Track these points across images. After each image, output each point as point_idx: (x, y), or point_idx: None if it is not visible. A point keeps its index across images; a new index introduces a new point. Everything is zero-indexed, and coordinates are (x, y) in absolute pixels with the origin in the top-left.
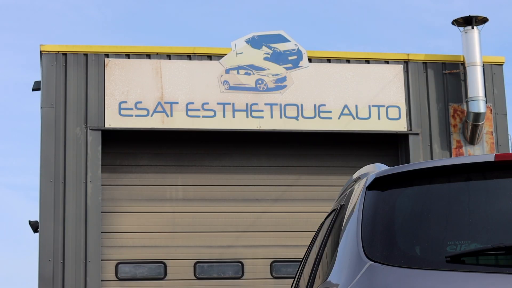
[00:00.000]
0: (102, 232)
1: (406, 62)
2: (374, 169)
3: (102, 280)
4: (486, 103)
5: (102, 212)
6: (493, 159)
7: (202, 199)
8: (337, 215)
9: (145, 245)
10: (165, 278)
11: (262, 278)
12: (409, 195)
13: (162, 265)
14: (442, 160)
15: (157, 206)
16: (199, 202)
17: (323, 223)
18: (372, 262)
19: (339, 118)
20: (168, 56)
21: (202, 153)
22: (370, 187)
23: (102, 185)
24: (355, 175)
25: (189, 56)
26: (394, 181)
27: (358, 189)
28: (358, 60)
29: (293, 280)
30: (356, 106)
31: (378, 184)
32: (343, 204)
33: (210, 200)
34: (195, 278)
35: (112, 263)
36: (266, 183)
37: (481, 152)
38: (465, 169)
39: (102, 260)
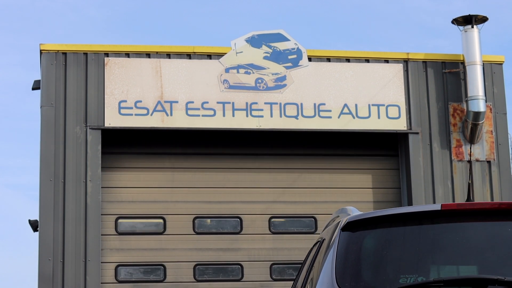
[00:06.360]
0: (102, 188)
1: (406, 61)
2: (350, 212)
3: (102, 235)
4: (486, 102)
5: (102, 167)
6: (439, 208)
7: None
8: (319, 247)
9: (144, 200)
10: (164, 233)
11: (260, 233)
12: (373, 237)
13: (161, 220)
14: (399, 208)
15: (157, 162)
16: (198, 157)
17: (311, 250)
18: None
19: (339, 117)
20: (168, 55)
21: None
22: (344, 228)
23: (101, 148)
24: (336, 213)
25: (188, 55)
26: (362, 225)
27: (336, 228)
28: (358, 59)
29: None
30: (356, 105)
31: (350, 226)
32: (324, 239)
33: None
34: (194, 233)
35: (111, 217)
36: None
37: (481, 151)
38: (417, 216)
39: (102, 214)
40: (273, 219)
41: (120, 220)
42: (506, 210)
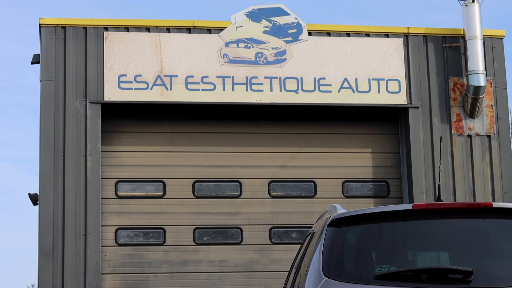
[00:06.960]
0: (102, 152)
1: (406, 36)
2: (335, 210)
3: (102, 198)
4: (486, 76)
5: (102, 131)
6: (411, 208)
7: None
8: (310, 240)
9: (144, 164)
10: (164, 197)
11: (260, 197)
12: (354, 232)
13: (161, 183)
14: (377, 208)
15: (156, 126)
16: (198, 122)
17: (304, 240)
18: (327, 278)
19: (339, 91)
20: (168, 30)
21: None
22: (330, 224)
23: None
24: (326, 209)
25: (188, 30)
26: (346, 221)
27: (324, 224)
28: (358, 34)
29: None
30: (356, 80)
31: (335, 223)
32: (315, 232)
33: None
34: (193, 197)
35: (111, 181)
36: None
37: (481, 125)
38: (391, 214)
39: (102, 178)
40: (272, 183)
41: (120, 184)
42: (468, 209)
